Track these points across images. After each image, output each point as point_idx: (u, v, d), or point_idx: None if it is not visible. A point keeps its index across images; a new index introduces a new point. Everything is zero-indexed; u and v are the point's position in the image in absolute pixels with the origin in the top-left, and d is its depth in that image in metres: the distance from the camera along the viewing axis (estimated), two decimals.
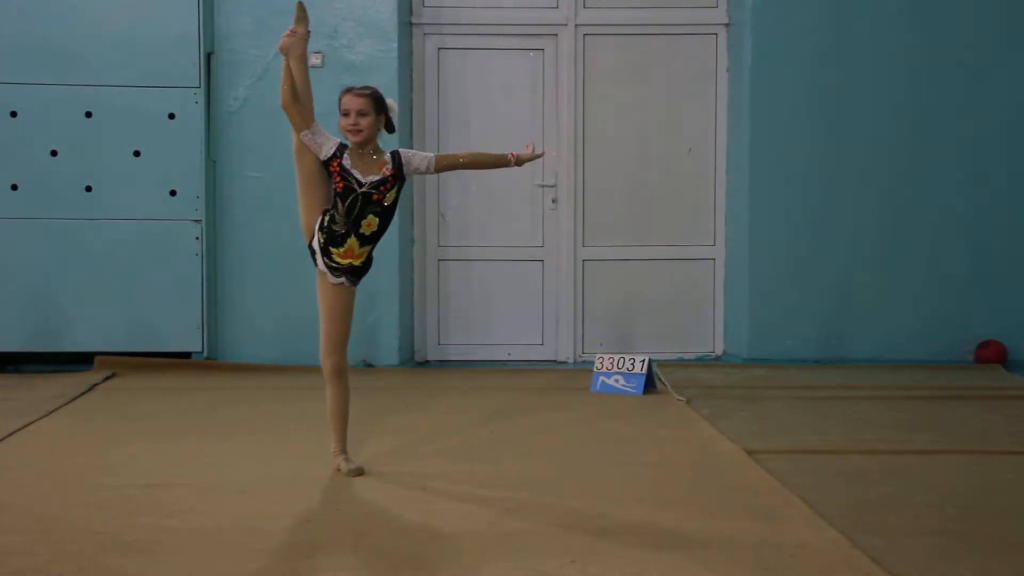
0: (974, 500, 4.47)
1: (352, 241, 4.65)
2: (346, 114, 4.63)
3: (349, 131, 4.63)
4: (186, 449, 5.31)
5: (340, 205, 4.62)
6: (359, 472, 4.74)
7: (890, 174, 7.79)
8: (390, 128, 4.82)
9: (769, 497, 4.47)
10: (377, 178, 4.64)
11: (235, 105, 7.56)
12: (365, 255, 4.74)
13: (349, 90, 4.69)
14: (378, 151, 4.70)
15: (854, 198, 7.80)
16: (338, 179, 4.62)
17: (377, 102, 4.68)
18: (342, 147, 4.66)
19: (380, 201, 4.65)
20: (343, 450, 4.81)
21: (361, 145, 4.65)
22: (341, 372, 4.79)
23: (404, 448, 5.34)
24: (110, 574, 3.58)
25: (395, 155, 4.72)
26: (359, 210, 4.62)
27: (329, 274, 4.71)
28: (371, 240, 4.71)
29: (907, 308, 7.84)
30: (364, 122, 4.61)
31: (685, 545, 3.90)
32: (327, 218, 4.66)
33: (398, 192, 4.73)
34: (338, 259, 4.66)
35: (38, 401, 6.32)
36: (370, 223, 4.65)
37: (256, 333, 7.67)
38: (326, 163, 4.64)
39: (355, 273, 4.76)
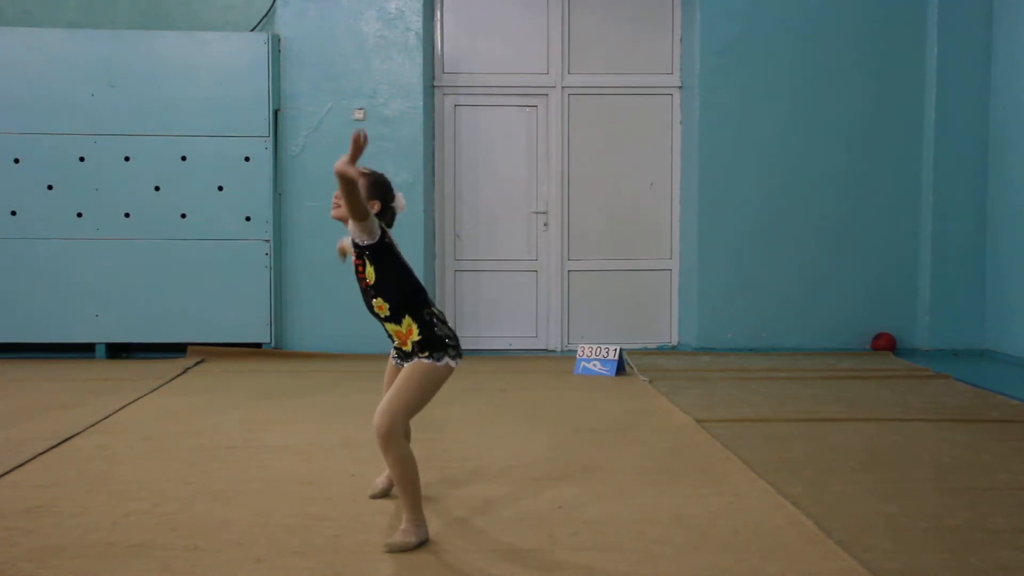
0: (870, 456, 4.50)
1: (390, 327, 3.45)
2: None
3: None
4: (258, 418, 5.32)
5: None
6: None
7: (810, 205, 7.79)
8: (388, 221, 3.46)
9: (714, 456, 4.49)
10: (355, 263, 3.44)
11: (296, 150, 7.58)
12: (414, 330, 3.38)
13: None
14: None
15: (783, 221, 7.80)
16: None
17: (374, 186, 3.41)
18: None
19: (368, 285, 3.39)
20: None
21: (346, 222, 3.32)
22: (383, 437, 3.28)
23: (429, 416, 5.28)
24: (201, 516, 3.62)
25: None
26: (366, 298, 3.44)
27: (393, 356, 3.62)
28: (395, 317, 3.38)
29: (822, 309, 7.84)
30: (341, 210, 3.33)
31: (647, 492, 3.93)
32: None
33: (379, 263, 3.34)
34: (404, 348, 3.46)
35: (145, 381, 6.36)
36: (380, 306, 3.39)
37: (312, 327, 7.67)
38: None
39: (406, 354, 3.46)
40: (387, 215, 3.49)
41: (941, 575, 3.06)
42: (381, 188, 3.48)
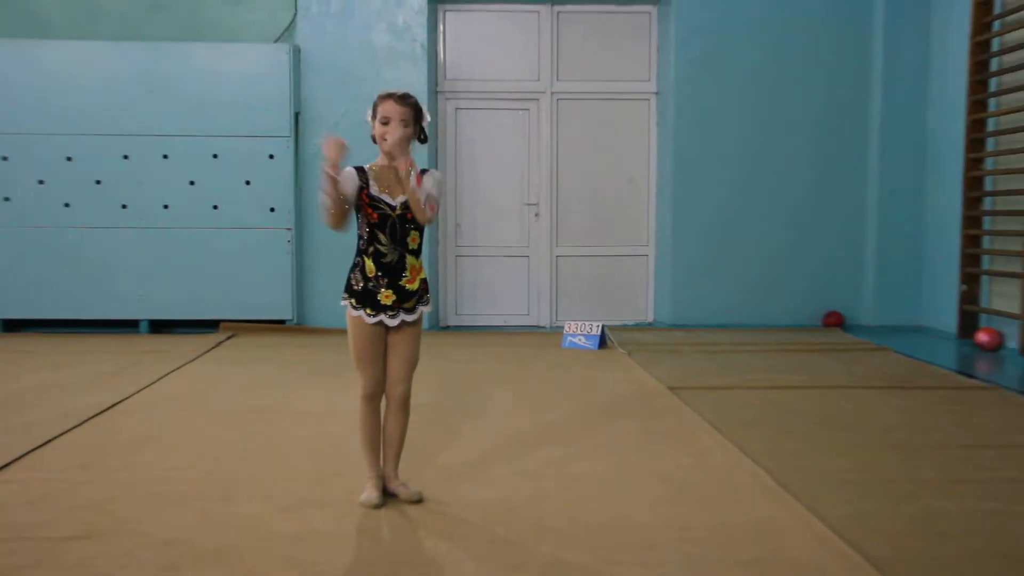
0: (822, 419, 4.52)
1: (410, 260, 3.25)
2: (385, 122, 3.16)
3: (385, 139, 3.17)
4: (283, 387, 5.33)
5: (382, 235, 3.20)
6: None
7: (771, 197, 7.80)
8: (423, 138, 3.32)
9: (684, 420, 4.51)
10: (404, 197, 3.19)
11: (315, 149, 7.56)
12: (423, 268, 3.32)
13: (390, 96, 3.19)
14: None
15: (747, 211, 7.81)
16: (370, 210, 3.20)
17: (417, 112, 3.23)
18: (360, 171, 3.21)
19: (413, 217, 3.21)
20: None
21: (391, 156, 3.18)
22: (407, 401, 3.48)
23: (434, 384, 5.31)
24: (233, 471, 3.65)
25: (425, 173, 3.22)
26: (400, 231, 3.21)
27: (384, 318, 3.28)
28: (419, 251, 3.28)
29: (780, 290, 7.85)
30: (404, 133, 3.17)
31: (626, 450, 3.96)
32: (370, 260, 3.26)
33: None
34: (408, 286, 3.25)
35: (182, 353, 6.37)
36: (413, 237, 3.24)
37: (330, 306, 7.58)
38: (356, 194, 3.21)
39: (408, 294, 3.26)
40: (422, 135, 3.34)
41: (878, 521, 3.11)
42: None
